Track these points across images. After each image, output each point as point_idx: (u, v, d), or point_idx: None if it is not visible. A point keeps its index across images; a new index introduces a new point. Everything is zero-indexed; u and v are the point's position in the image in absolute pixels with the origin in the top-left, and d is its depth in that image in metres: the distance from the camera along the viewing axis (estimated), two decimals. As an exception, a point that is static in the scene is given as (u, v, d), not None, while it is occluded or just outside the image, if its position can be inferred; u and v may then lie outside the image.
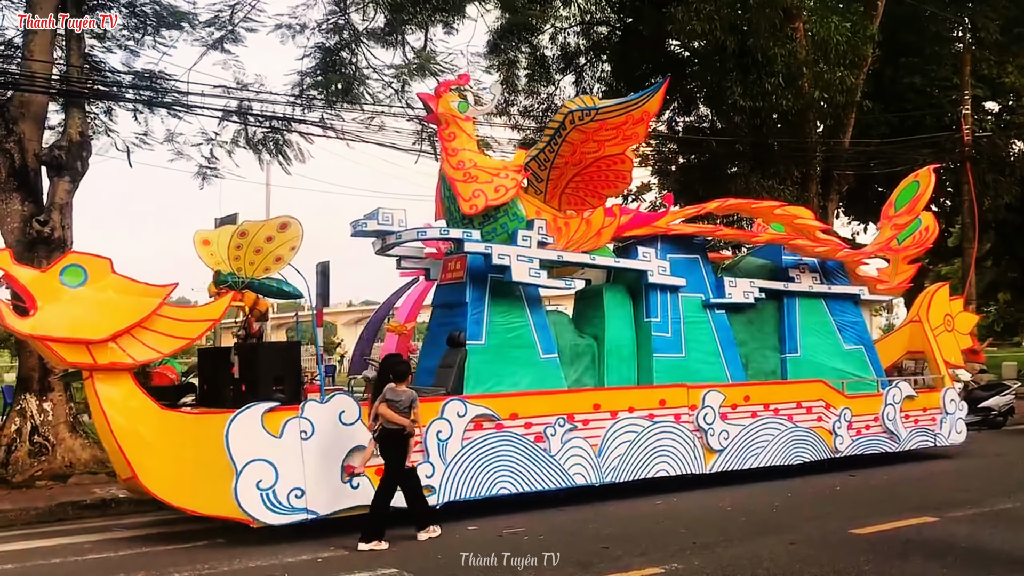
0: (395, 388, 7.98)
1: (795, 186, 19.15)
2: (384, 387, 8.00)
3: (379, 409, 7.88)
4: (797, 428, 11.49)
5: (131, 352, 8.23)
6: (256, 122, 14.10)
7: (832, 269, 13.11)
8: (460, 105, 10.71)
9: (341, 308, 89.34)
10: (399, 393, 7.97)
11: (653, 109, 10.30)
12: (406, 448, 8.01)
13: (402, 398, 7.96)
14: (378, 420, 7.92)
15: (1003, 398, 17.21)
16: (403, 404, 7.94)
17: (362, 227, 10.11)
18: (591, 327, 11.44)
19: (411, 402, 8.00)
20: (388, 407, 7.87)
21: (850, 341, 12.87)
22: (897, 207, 13.97)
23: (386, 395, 7.92)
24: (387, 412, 7.85)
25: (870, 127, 22.15)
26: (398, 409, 7.89)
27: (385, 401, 7.89)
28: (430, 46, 16.00)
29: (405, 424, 7.91)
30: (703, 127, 22.83)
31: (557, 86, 23.00)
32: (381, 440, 7.99)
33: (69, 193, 11.73)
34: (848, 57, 18.15)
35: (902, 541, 7.60)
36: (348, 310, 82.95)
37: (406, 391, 8.06)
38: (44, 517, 9.92)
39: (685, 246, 11.83)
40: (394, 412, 7.86)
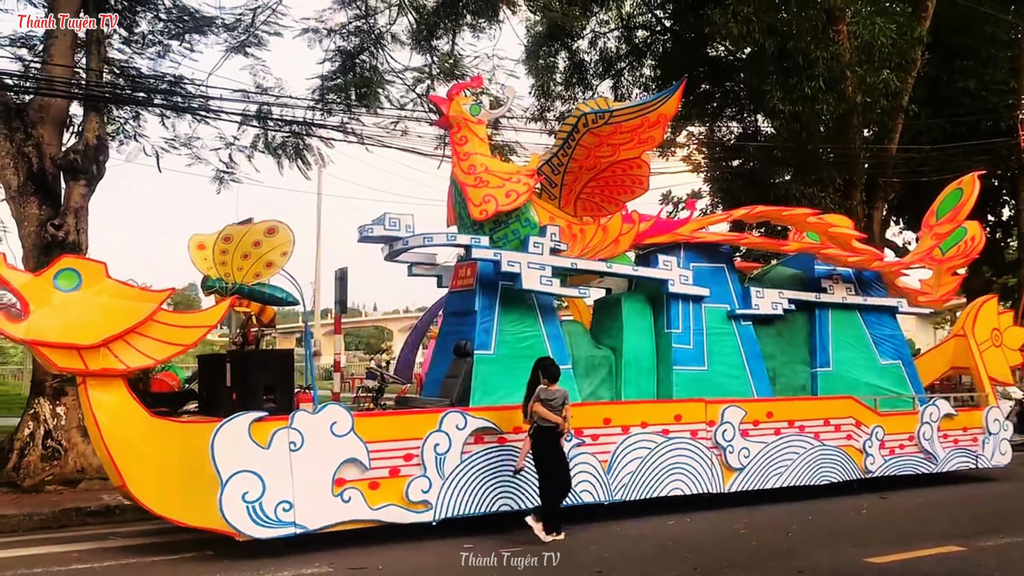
0: (548, 388, 8.50)
1: (837, 194, 18.48)
2: (536, 388, 8.54)
3: (534, 408, 8.43)
4: (824, 447, 10.94)
5: (124, 358, 8.06)
6: (276, 126, 14.00)
7: (869, 280, 12.53)
8: (472, 108, 10.43)
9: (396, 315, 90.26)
10: (552, 392, 8.48)
11: (670, 112, 9.88)
12: (559, 444, 8.54)
13: (555, 397, 8.47)
14: (532, 418, 8.45)
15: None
16: (556, 403, 8.45)
17: (368, 232, 9.87)
18: (609, 338, 11.05)
19: (563, 401, 8.52)
20: (542, 406, 8.38)
21: (887, 356, 12.28)
22: (939, 215, 13.31)
23: (540, 395, 8.47)
24: (541, 410, 8.39)
25: (921, 133, 21.36)
26: (552, 407, 8.39)
27: (540, 400, 8.42)
28: (457, 50, 15.77)
29: (558, 422, 8.40)
30: (745, 132, 22.24)
31: (595, 91, 22.62)
32: (535, 437, 8.50)
33: (85, 197, 11.70)
34: (894, 60, 17.47)
35: (920, 573, 7.07)
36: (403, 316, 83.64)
37: (559, 390, 8.54)
38: (47, 523, 9.84)
39: (710, 255, 11.38)
40: (548, 411, 8.35)
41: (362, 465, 8.21)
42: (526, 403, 8.66)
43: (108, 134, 14.26)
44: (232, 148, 14.53)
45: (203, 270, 8.68)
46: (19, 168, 11.54)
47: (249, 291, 8.68)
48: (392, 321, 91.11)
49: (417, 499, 8.43)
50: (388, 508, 8.32)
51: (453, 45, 15.87)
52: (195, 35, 14.24)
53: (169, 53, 14.34)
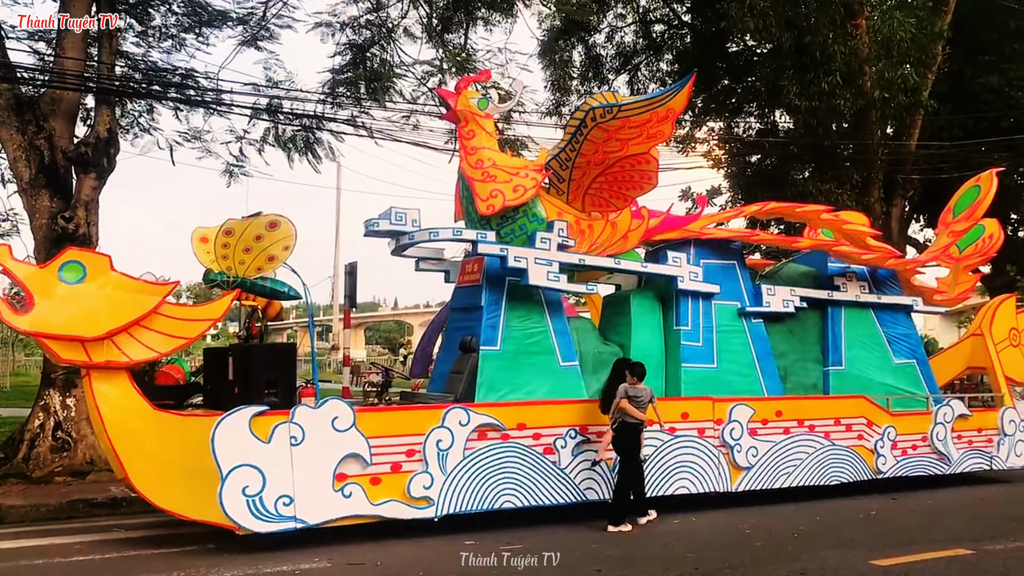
0: (635, 385, 8.89)
1: (855, 190, 18.25)
2: (617, 385, 8.91)
3: (620, 404, 8.80)
4: (835, 446, 10.81)
5: (127, 351, 8.08)
6: (286, 120, 13.99)
7: (883, 278, 12.35)
8: (480, 102, 10.36)
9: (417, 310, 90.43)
10: (639, 390, 8.88)
11: (679, 106, 9.74)
12: (639, 440, 8.90)
13: (641, 395, 8.87)
14: (616, 414, 8.81)
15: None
16: (642, 400, 8.85)
17: (374, 226, 9.84)
18: (617, 334, 10.96)
19: (650, 398, 8.95)
20: (629, 403, 8.76)
21: (901, 355, 12.10)
22: (956, 213, 13.12)
23: (627, 392, 8.83)
24: (628, 407, 8.79)
25: (942, 129, 21.06)
26: (638, 405, 8.81)
27: (626, 397, 8.78)
28: (469, 44, 15.71)
29: (642, 419, 8.82)
30: (764, 128, 22.03)
31: (611, 86, 22.47)
32: (618, 432, 8.87)
33: (95, 190, 11.74)
34: (913, 55, 17.23)
35: (927, 577, 6.96)
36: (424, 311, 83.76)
37: (645, 389, 8.95)
38: (55, 514, 9.89)
39: (720, 251, 11.25)
40: (634, 408, 8.75)
41: (363, 460, 8.18)
42: (606, 399, 9.03)
43: (122, 127, 14.34)
44: (243, 141, 14.56)
45: (205, 263, 8.66)
46: (31, 161, 11.59)
47: (251, 285, 8.65)
48: (412, 315, 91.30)
49: (419, 495, 8.39)
50: (389, 504, 8.28)
51: (466, 39, 15.82)
52: (208, 28, 14.24)
53: (183, 47, 14.36)
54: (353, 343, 72.06)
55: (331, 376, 33.32)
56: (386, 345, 71.49)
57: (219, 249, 8.32)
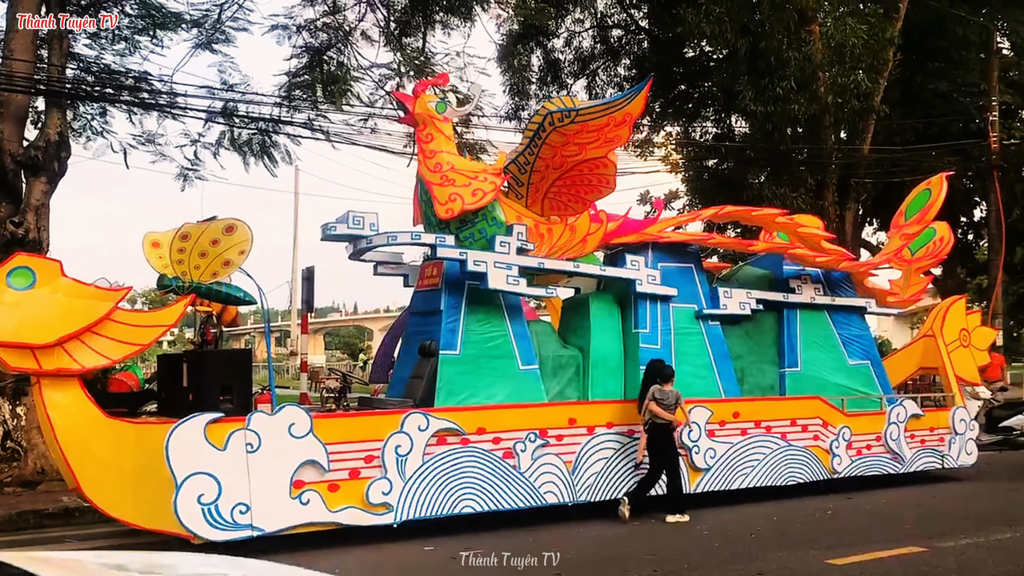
0: (662, 388, 9.45)
1: (810, 194, 18.51)
2: (650, 388, 9.45)
3: (649, 406, 9.36)
4: (791, 447, 10.93)
5: (79, 358, 7.92)
6: (242, 123, 13.84)
7: (837, 280, 12.52)
8: (438, 106, 10.34)
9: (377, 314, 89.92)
10: (666, 392, 9.43)
11: (636, 111, 9.82)
12: (671, 439, 9.48)
13: (668, 396, 9.41)
14: (646, 415, 9.37)
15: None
16: (669, 401, 9.39)
17: (331, 230, 9.75)
18: (577, 338, 10.98)
19: (676, 400, 9.47)
20: (656, 404, 9.32)
21: (855, 356, 12.28)
22: (908, 216, 13.36)
23: (655, 394, 9.39)
24: (656, 408, 9.34)
25: (895, 134, 21.45)
26: (665, 406, 9.34)
27: (654, 399, 9.34)
28: (428, 47, 15.67)
29: (671, 419, 9.36)
30: (721, 133, 22.27)
31: (569, 90, 22.56)
32: (650, 432, 9.44)
33: (46, 194, 11.50)
34: (865, 61, 17.52)
35: (880, 573, 7.05)
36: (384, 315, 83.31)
37: (672, 391, 9.48)
38: (3, 525, 9.62)
39: (678, 254, 11.33)
40: (662, 409, 9.30)
41: (321, 467, 8.11)
42: (640, 401, 9.59)
43: (74, 130, 14.09)
44: (197, 145, 14.38)
45: (158, 268, 8.51)
46: (-22, 165, 11.33)
47: (206, 290, 8.51)
48: (372, 320, 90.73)
49: (378, 501, 8.33)
50: (348, 510, 8.22)
51: (424, 42, 15.77)
52: (162, 31, 14.04)
53: (136, 49, 14.14)
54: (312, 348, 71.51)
55: (289, 382, 33.01)
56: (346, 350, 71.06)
57: (174, 254, 8.18)
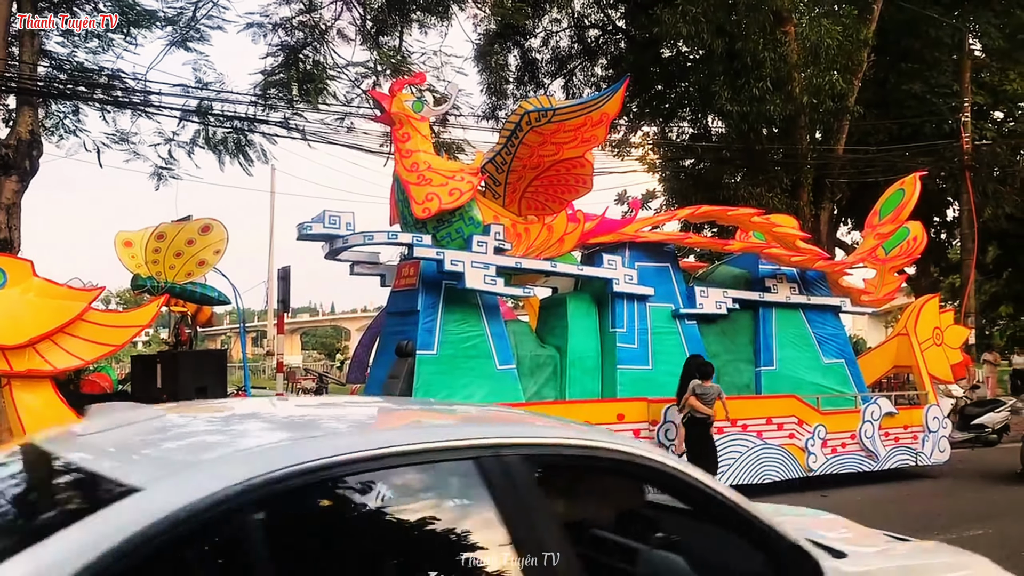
0: (703, 384, 9.66)
1: (785, 194, 18.62)
2: (688, 383, 9.69)
3: (689, 401, 9.61)
4: (767, 445, 10.98)
5: (51, 359, 7.88)
6: (217, 122, 13.74)
7: (813, 280, 12.62)
8: (415, 105, 10.32)
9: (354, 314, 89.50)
10: (706, 388, 9.67)
11: (613, 110, 9.86)
12: (708, 432, 9.73)
13: (708, 392, 9.66)
14: (685, 410, 9.68)
15: (998, 415, 16.46)
16: (709, 397, 9.66)
17: (307, 230, 9.71)
18: (554, 337, 11.01)
19: (717, 395, 9.75)
20: (696, 399, 9.58)
21: (830, 354, 12.38)
22: (882, 216, 13.47)
23: (695, 389, 9.62)
24: (695, 403, 9.61)
25: (868, 134, 21.61)
26: (705, 401, 9.60)
27: (695, 394, 9.57)
28: (404, 46, 15.63)
29: (709, 413, 9.62)
30: (697, 133, 22.36)
31: (547, 90, 22.58)
32: (688, 426, 9.71)
33: (17, 193, 11.36)
34: (840, 61, 17.65)
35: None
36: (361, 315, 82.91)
37: (712, 386, 9.73)
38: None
39: (654, 254, 11.39)
40: (701, 404, 9.57)
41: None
42: (680, 396, 9.85)
43: (47, 129, 13.93)
44: (172, 144, 14.25)
45: (131, 268, 8.44)
46: (-51, 163, 11.18)
47: (181, 290, 8.45)
48: (349, 320, 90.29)
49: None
50: (325, 511, 8.16)
51: (400, 41, 15.73)
52: (136, 28, 13.91)
53: (110, 47, 14.00)
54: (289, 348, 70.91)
55: (265, 382, 32.78)
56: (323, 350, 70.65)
57: (149, 254, 8.12)
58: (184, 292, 8.59)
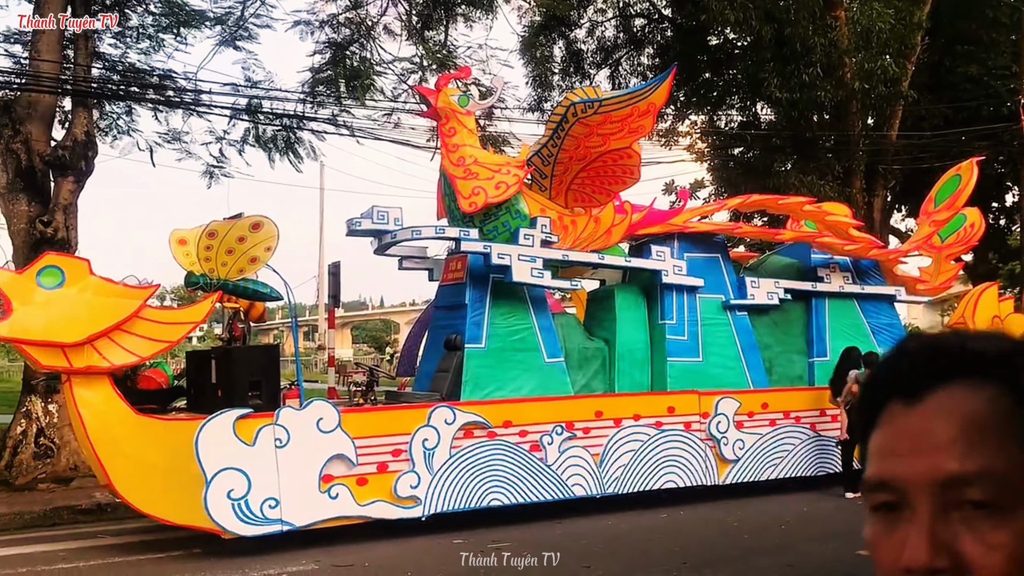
0: (865, 373, 9.74)
1: (837, 181, 18.27)
2: (846, 371, 10.26)
3: (852, 388, 10.01)
4: (821, 437, 10.83)
5: (108, 355, 8.00)
6: (266, 120, 13.90)
7: (866, 268, 12.38)
8: (460, 99, 10.32)
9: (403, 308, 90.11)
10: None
11: (660, 100, 9.76)
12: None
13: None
14: (848, 397, 10.09)
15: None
16: None
17: (356, 226, 9.77)
18: (602, 330, 10.94)
19: None
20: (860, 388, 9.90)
21: (885, 345, 12.11)
22: (937, 202, 13.14)
23: (858, 378, 9.94)
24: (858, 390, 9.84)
25: (923, 119, 21.11)
26: None
27: (858, 383, 9.79)
28: (450, 40, 15.64)
29: None
30: (745, 121, 22.07)
31: (592, 80, 22.42)
32: (851, 413, 9.79)
33: (74, 193, 11.63)
34: (893, 45, 17.25)
35: (912, 566, 6.95)
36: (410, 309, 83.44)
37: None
38: (39, 521, 9.80)
39: (704, 245, 11.26)
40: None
41: (349, 461, 8.14)
42: (836, 383, 10.42)
43: (101, 130, 14.21)
44: (223, 142, 14.46)
45: (185, 266, 8.59)
46: (8, 165, 11.45)
47: (233, 287, 8.56)
48: (398, 314, 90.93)
49: (406, 495, 8.36)
50: (376, 504, 8.25)
51: (446, 36, 15.75)
52: (186, 28, 14.12)
53: (161, 47, 14.23)
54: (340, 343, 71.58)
55: (317, 376, 33.16)
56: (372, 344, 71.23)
57: (201, 251, 8.24)
58: (236, 288, 8.70)
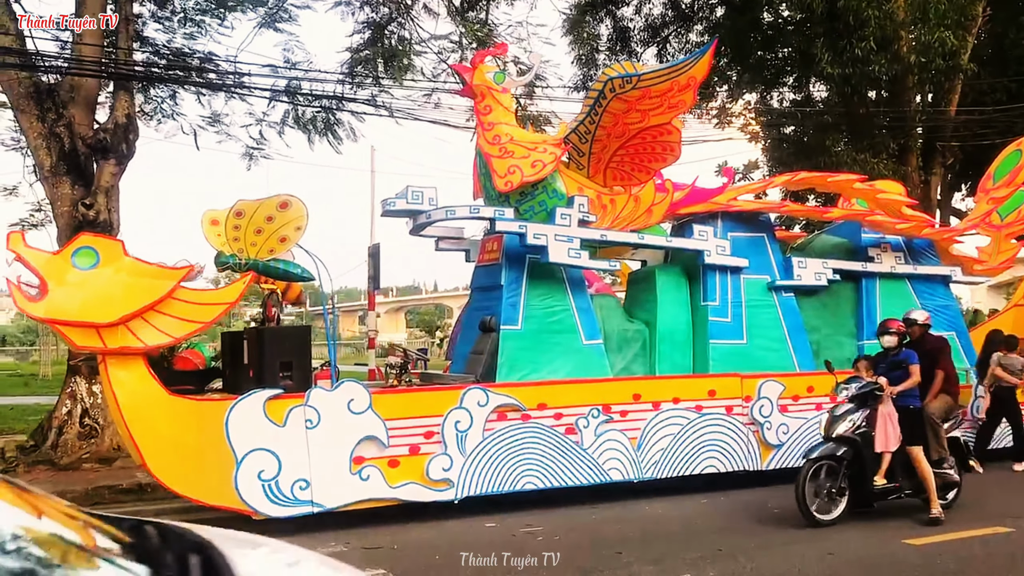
0: (1007, 355, 10.77)
1: (892, 159, 17.70)
2: (992, 355, 10.79)
3: (995, 371, 10.67)
4: (869, 422, 10.45)
5: (142, 336, 8.00)
6: (306, 101, 13.85)
7: (920, 248, 11.94)
8: (496, 76, 10.14)
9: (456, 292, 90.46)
10: (1011, 359, 10.74)
11: (700, 74, 9.41)
12: (1015, 399, 10.79)
13: (1013, 363, 10.71)
14: (991, 379, 10.73)
15: None
16: (1014, 367, 10.69)
17: (391, 206, 9.66)
18: (643, 311, 10.71)
19: (1021, 366, 10.70)
20: (1003, 370, 10.67)
21: (939, 327, 11.63)
22: (996, 179, 12.64)
23: (1000, 361, 10.69)
24: (1001, 373, 10.68)
25: (984, 94, 20.33)
26: (1011, 371, 10.65)
27: (1000, 365, 10.66)
28: (491, 19, 15.44)
29: (1016, 383, 10.65)
30: (797, 99, 21.49)
31: (640, 59, 22.03)
32: (995, 395, 10.78)
33: (115, 176, 11.70)
34: (951, 17, 16.59)
35: (961, 554, 6.66)
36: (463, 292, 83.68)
37: (1017, 358, 10.77)
38: (80, 500, 9.85)
39: (749, 224, 10.93)
40: (1007, 374, 10.65)
41: (381, 443, 8.06)
42: (981, 367, 11.05)
43: (145, 113, 14.32)
44: (262, 124, 14.46)
45: (216, 246, 8.55)
46: (51, 148, 11.56)
47: (263, 267, 8.51)
48: (451, 298, 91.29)
49: (438, 477, 8.25)
50: (408, 486, 8.16)
51: (487, 14, 15.54)
52: (226, 11, 14.13)
53: (202, 30, 14.26)
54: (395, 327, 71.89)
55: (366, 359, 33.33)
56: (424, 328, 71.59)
57: (230, 231, 8.19)
58: (267, 269, 8.64)
